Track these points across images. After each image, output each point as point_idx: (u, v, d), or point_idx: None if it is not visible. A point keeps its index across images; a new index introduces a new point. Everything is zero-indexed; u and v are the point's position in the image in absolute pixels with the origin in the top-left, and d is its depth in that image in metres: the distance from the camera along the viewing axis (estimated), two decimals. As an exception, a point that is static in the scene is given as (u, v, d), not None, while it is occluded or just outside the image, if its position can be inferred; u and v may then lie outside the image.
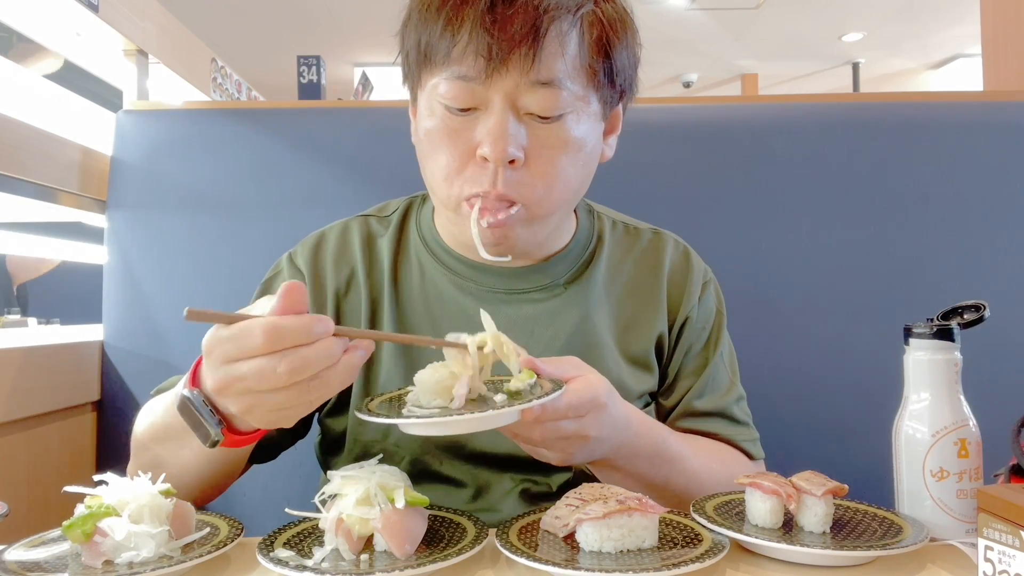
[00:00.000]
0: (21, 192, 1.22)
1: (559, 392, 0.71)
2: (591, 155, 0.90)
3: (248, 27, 6.54)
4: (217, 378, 0.65)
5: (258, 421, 0.68)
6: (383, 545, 0.68)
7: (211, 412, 0.69)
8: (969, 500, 0.75)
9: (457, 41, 0.81)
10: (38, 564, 0.67)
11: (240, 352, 0.62)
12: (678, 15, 6.46)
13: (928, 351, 0.78)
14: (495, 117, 0.82)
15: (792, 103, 1.55)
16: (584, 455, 0.79)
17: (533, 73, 0.81)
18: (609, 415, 0.76)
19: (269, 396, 0.64)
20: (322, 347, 0.62)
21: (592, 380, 0.76)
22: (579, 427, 0.74)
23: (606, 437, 0.78)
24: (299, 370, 0.61)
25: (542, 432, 0.73)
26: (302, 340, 0.61)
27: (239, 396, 0.65)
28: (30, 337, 1.46)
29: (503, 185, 0.83)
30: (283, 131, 1.41)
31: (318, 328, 0.62)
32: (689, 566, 0.63)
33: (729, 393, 1.00)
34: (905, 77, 8.30)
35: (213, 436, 0.70)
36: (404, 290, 0.98)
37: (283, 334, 0.61)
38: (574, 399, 0.72)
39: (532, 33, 0.79)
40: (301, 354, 0.61)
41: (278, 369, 0.61)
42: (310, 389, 0.63)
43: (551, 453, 0.77)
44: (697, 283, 1.02)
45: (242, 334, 0.62)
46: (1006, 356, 1.31)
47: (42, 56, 2.56)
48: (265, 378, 0.62)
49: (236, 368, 0.63)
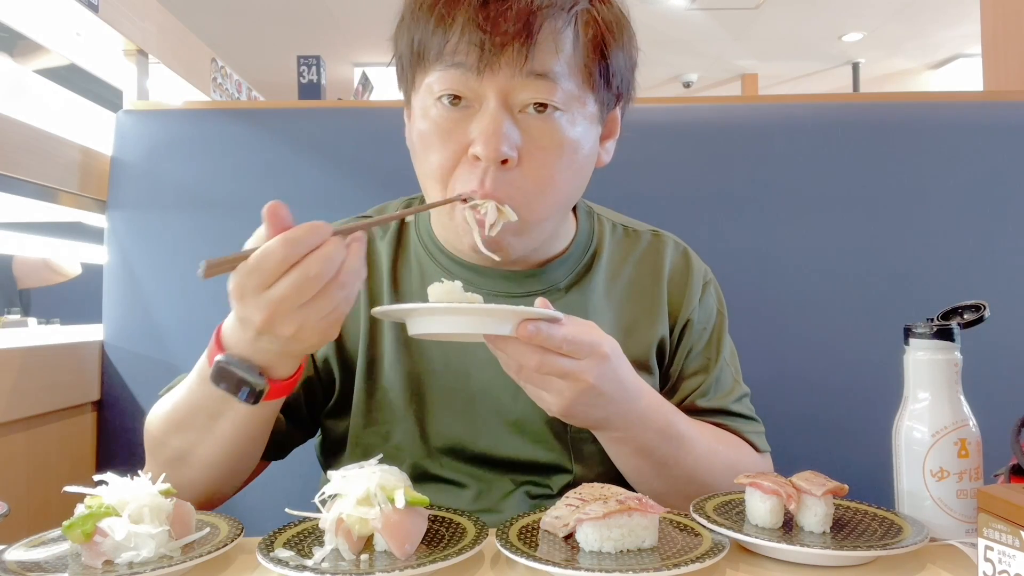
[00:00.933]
0: (21, 192, 1.22)
1: (558, 315, 0.72)
2: (586, 159, 0.89)
3: (248, 27, 6.54)
4: (260, 313, 0.68)
5: (311, 339, 0.71)
6: (383, 545, 0.68)
7: (249, 367, 0.73)
8: (969, 500, 0.75)
9: (449, 38, 0.81)
10: (38, 564, 0.67)
11: (268, 275, 0.66)
12: (678, 15, 6.46)
13: (928, 351, 0.78)
14: (489, 115, 0.82)
15: (792, 103, 1.55)
16: (585, 409, 0.77)
17: (527, 66, 0.80)
18: (612, 370, 0.76)
19: (313, 308, 0.67)
20: (334, 244, 0.67)
21: (596, 328, 0.77)
22: (577, 368, 0.73)
23: (609, 394, 0.76)
24: (326, 268, 0.66)
25: (539, 362, 0.72)
26: (314, 243, 0.66)
27: (287, 318, 0.68)
28: (30, 337, 1.46)
29: (492, 184, 0.82)
30: (283, 131, 1.41)
31: (323, 230, 0.67)
32: (689, 566, 0.63)
33: (733, 392, 1.00)
34: (905, 77, 8.30)
35: (260, 385, 0.73)
36: (403, 292, 0.98)
37: (297, 243, 0.66)
38: (572, 333, 0.72)
39: (525, 30, 0.79)
40: (322, 253, 0.66)
41: (309, 273, 0.66)
42: (343, 285, 0.68)
43: (549, 396, 0.76)
44: (698, 284, 1.01)
45: (263, 259, 0.66)
46: (1006, 356, 1.31)
47: (42, 56, 2.56)
48: (302, 287, 0.66)
49: (273, 292, 0.67)
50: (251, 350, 0.73)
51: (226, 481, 0.89)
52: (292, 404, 0.93)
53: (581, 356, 0.73)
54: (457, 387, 0.94)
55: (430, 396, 0.94)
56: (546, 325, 0.71)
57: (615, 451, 0.86)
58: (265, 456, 0.93)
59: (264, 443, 0.89)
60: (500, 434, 0.94)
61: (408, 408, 0.94)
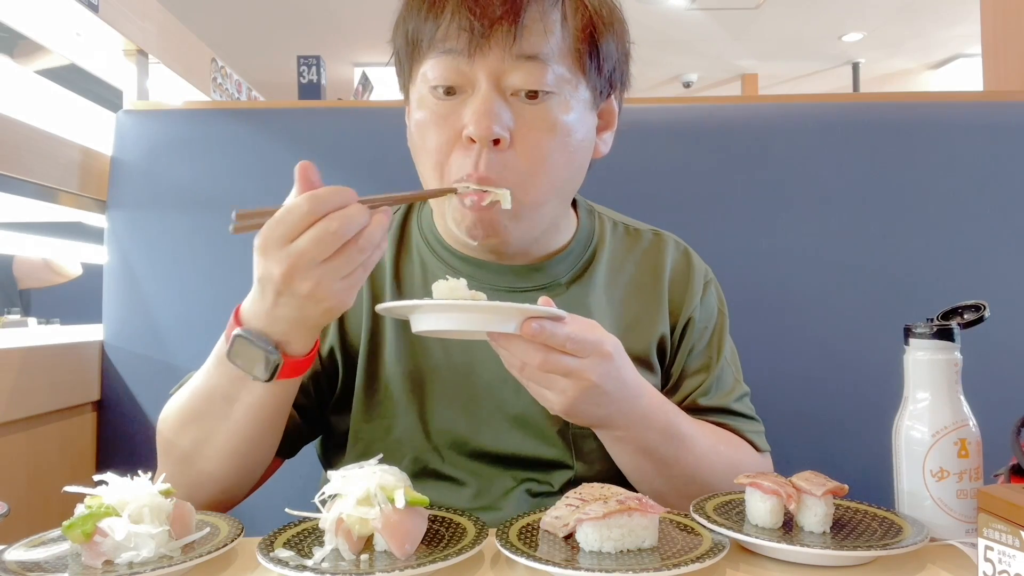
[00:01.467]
0: (21, 192, 1.22)
1: (562, 315, 0.73)
2: (581, 144, 0.90)
3: (248, 27, 6.54)
4: (281, 266, 0.70)
5: (327, 300, 0.72)
6: (383, 545, 0.68)
7: (265, 341, 0.76)
8: (969, 500, 0.75)
9: (441, 22, 0.83)
10: (38, 564, 0.67)
11: (292, 228, 0.69)
12: (678, 15, 6.46)
13: (928, 351, 0.78)
14: (480, 96, 0.83)
15: (792, 103, 1.55)
16: (588, 408, 0.77)
17: (516, 47, 0.82)
18: (615, 368, 0.77)
19: (331, 266, 0.70)
20: (357, 207, 0.70)
21: (599, 327, 0.77)
22: (581, 366, 0.74)
23: (611, 393, 0.77)
24: (347, 227, 0.69)
25: (543, 360, 0.73)
26: (340, 203, 0.70)
27: (306, 273, 0.70)
28: (30, 337, 1.46)
29: (485, 166, 0.83)
30: (283, 131, 1.41)
31: (348, 193, 0.71)
32: (689, 566, 0.63)
33: (733, 391, 1.00)
34: (905, 77, 8.30)
35: (275, 358, 0.75)
36: (406, 288, 0.98)
37: (322, 200, 0.69)
38: (575, 332, 0.73)
39: (513, 11, 0.82)
40: (344, 212, 0.69)
41: (330, 229, 0.69)
42: (362, 249, 0.71)
43: (552, 394, 0.76)
44: (699, 284, 1.02)
45: (289, 212, 0.70)
46: (1006, 356, 1.31)
47: (42, 56, 2.56)
48: (323, 242, 0.69)
49: (296, 246, 0.69)
50: (268, 320, 0.75)
51: (241, 476, 0.88)
52: (302, 399, 0.93)
53: (584, 354, 0.74)
54: (459, 382, 0.94)
55: (432, 390, 0.94)
56: (550, 323, 0.72)
57: (616, 450, 0.87)
58: (279, 453, 0.93)
59: (279, 433, 0.89)
60: (502, 429, 0.94)
61: (410, 402, 0.94)
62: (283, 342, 0.77)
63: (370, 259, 0.73)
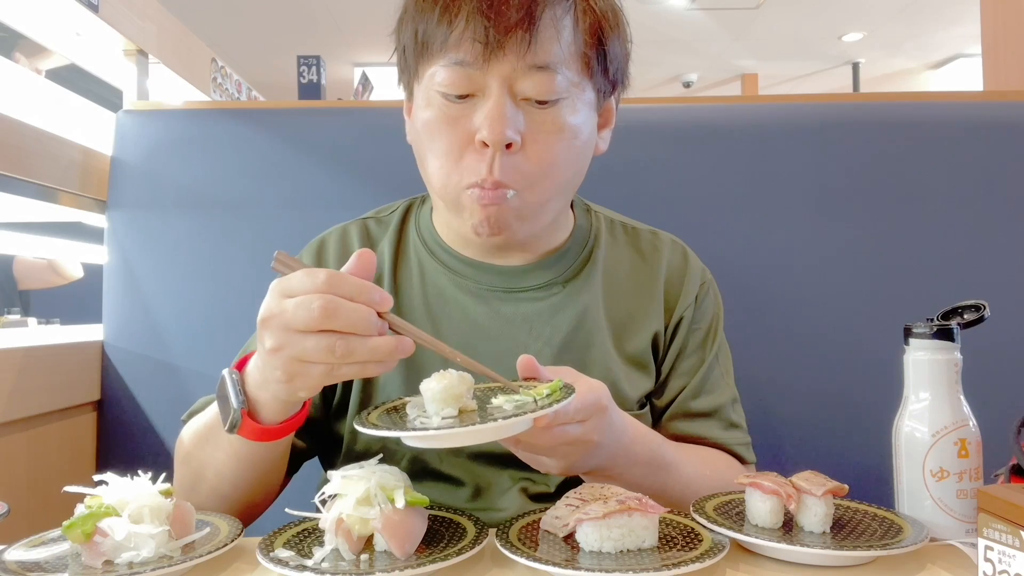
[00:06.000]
0: (21, 192, 1.22)
1: (571, 397, 0.68)
2: (586, 144, 0.90)
3: (248, 27, 6.54)
4: (267, 309, 0.67)
5: (281, 369, 0.68)
6: (383, 545, 0.68)
7: (239, 390, 0.74)
8: (969, 500, 0.75)
9: (454, 27, 0.82)
10: (38, 564, 0.67)
11: (296, 287, 0.66)
12: (678, 15, 6.46)
13: (928, 351, 0.78)
14: (493, 100, 0.83)
15: (792, 103, 1.54)
16: (584, 462, 0.78)
17: (529, 56, 0.82)
18: (610, 418, 0.76)
19: (300, 338, 0.65)
20: (361, 309, 0.65)
21: (594, 384, 0.75)
22: (583, 431, 0.73)
23: (607, 443, 0.77)
24: (331, 314, 0.64)
25: (550, 438, 0.72)
26: (355, 296, 0.65)
27: (277, 331, 0.66)
28: (30, 337, 1.46)
29: (499, 171, 0.83)
30: (283, 131, 1.41)
31: (373, 294, 0.66)
32: (689, 566, 0.63)
33: (723, 394, 1.00)
34: (905, 77, 8.30)
35: (235, 415, 0.73)
36: (404, 290, 0.98)
37: (341, 282, 0.65)
38: (581, 403, 0.72)
39: (528, 17, 0.81)
40: (339, 301, 0.64)
41: (312, 304, 0.64)
42: (335, 349, 0.65)
43: (552, 460, 0.76)
44: (695, 283, 1.02)
45: (309, 273, 0.66)
46: (1006, 356, 1.31)
47: (42, 56, 2.56)
48: (300, 309, 0.64)
49: (286, 302, 0.66)
50: (259, 375, 0.72)
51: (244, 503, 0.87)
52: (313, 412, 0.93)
53: (587, 417, 0.73)
54: None
55: None
56: (562, 410, 0.68)
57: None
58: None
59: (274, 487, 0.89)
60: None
61: None
62: (256, 402, 0.74)
63: (365, 367, 0.68)
